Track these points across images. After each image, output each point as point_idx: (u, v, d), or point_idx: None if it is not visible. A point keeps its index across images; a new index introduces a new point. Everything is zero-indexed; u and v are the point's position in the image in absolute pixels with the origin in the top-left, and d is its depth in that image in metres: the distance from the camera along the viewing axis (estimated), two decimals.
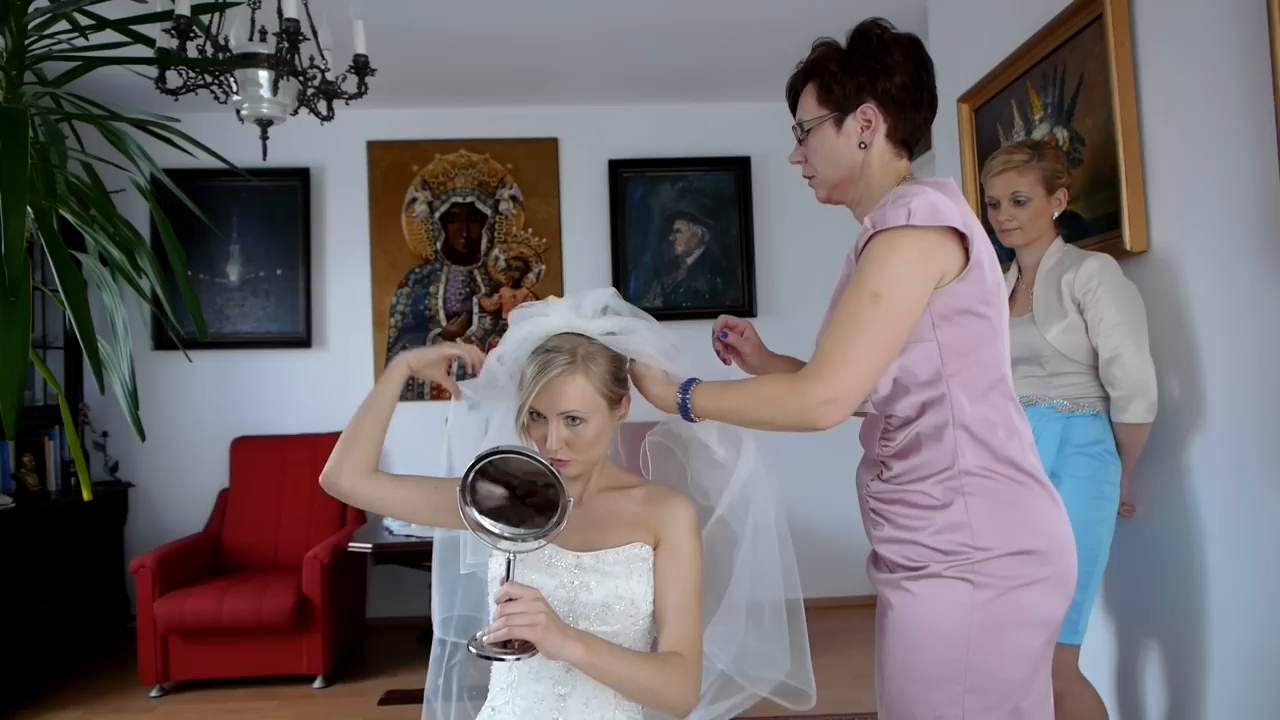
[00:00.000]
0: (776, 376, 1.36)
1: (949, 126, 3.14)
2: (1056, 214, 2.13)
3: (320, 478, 1.43)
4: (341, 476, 1.40)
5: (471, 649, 1.22)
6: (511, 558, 1.25)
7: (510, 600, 1.19)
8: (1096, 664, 2.28)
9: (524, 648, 1.20)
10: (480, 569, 1.48)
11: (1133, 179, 2.14)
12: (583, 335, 1.37)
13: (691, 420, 1.36)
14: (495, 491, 1.25)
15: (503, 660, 1.21)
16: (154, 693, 3.53)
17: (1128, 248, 2.14)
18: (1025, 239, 2.13)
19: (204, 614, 3.45)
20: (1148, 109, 2.13)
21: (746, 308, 4.51)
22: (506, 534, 1.23)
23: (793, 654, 1.41)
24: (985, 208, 2.20)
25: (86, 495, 1.49)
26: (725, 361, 1.63)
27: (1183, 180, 2.03)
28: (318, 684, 3.59)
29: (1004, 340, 1.35)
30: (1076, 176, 2.34)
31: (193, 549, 3.87)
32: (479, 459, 1.22)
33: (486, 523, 1.23)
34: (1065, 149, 2.42)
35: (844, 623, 4.00)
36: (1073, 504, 1.91)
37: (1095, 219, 2.31)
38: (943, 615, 1.27)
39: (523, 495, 1.25)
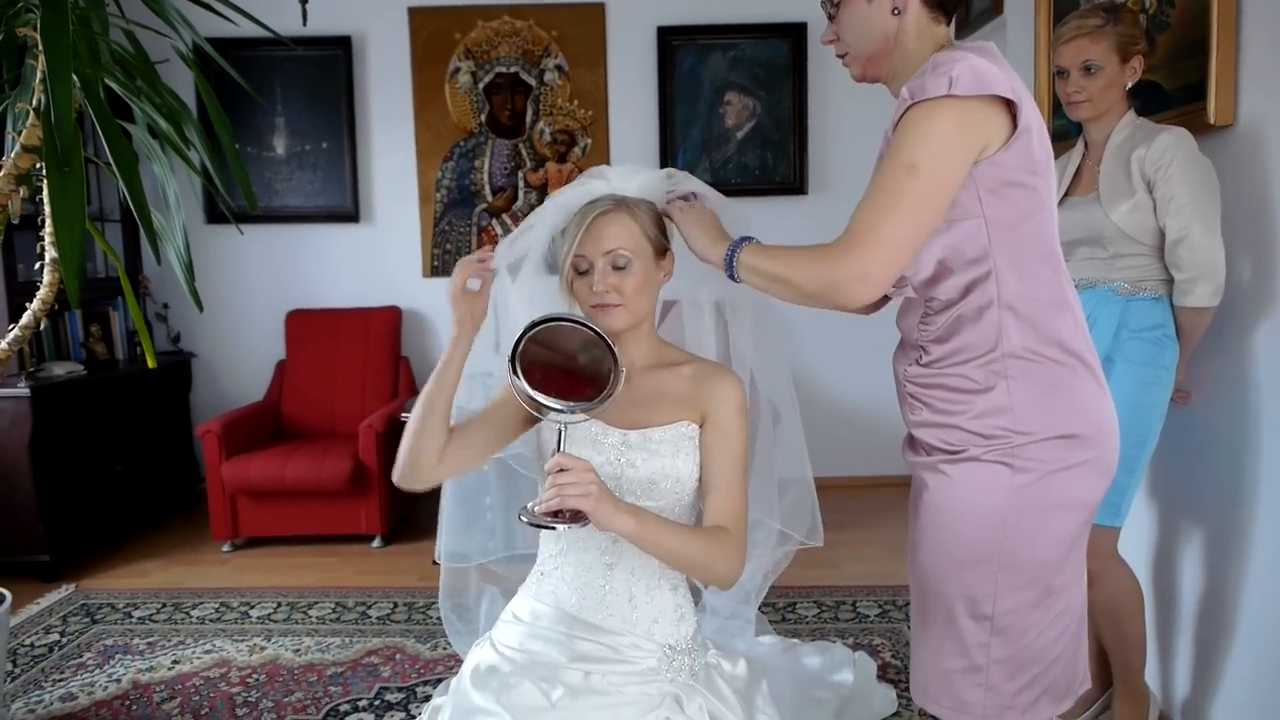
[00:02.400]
0: (815, 246, 1.25)
1: None
2: (1130, 84, 1.99)
3: (395, 479, 1.40)
4: (417, 475, 1.38)
5: (522, 518, 1.23)
6: (563, 429, 1.26)
7: (562, 471, 1.19)
8: (1135, 547, 2.30)
9: (575, 517, 1.20)
10: (517, 459, 1.52)
11: (1225, 44, 1.98)
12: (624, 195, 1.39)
13: (733, 278, 1.31)
14: (544, 362, 1.25)
15: (553, 529, 1.21)
16: (225, 547, 3.78)
17: (1211, 121, 2.00)
18: (1094, 111, 2.00)
19: (268, 477, 3.65)
20: None
21: (798, 184, 4.38)
22: (557, 405, 1.23)
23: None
24: (1054, 80, 2.07)
25: (151, 363, 1.56)
26: None
27: None
28: (376, 543, 3.81)
29: (1052, 213, 1.29)
30: (1161, 42, 2.18)
31: (254, 416, 4.04)
32: (530, 326, 1.22)
33: (538, 395, 1.23)
34: (1152, 12, 2.24)
35: (879, 500, 4.06)
36: (1126, 388, 1.89)
37: (1177, 89, 2.16)
38: (979, 498, 1.27)
39: (572, 368, 1.24)
